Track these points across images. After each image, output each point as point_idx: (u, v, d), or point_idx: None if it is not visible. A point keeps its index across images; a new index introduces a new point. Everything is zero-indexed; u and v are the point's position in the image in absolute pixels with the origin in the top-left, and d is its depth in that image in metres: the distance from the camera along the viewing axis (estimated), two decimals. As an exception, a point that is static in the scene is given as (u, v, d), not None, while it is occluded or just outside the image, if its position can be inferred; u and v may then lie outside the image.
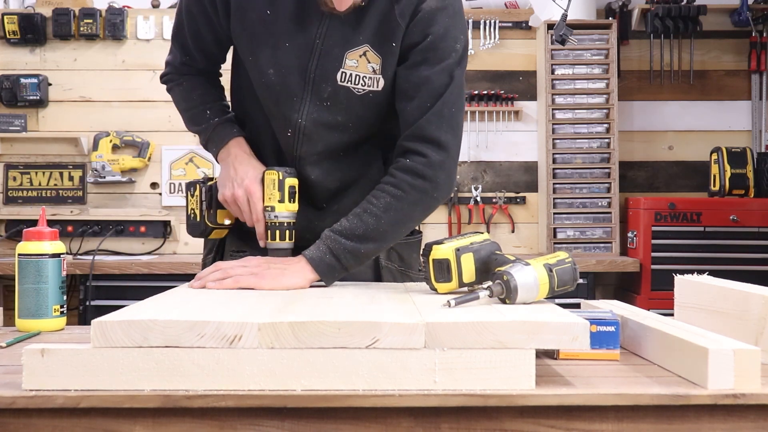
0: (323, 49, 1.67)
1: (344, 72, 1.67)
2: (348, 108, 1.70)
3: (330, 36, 1.66)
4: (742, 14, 4.54)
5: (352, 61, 1.67)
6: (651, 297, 4.10)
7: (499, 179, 4.60)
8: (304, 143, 1.74)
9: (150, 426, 1.15)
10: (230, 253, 1.89)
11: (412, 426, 1.16)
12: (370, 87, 1.69)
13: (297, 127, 1.72)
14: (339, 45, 1.66)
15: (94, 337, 1.15)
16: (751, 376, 1.17)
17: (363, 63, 1.67)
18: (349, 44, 1.66)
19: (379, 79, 1.68)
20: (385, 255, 1.85)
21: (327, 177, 1.77)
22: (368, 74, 1.68)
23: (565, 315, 1.24)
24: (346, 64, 1.67)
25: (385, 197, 1.65)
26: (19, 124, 4.46)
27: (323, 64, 1.67)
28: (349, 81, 1.68)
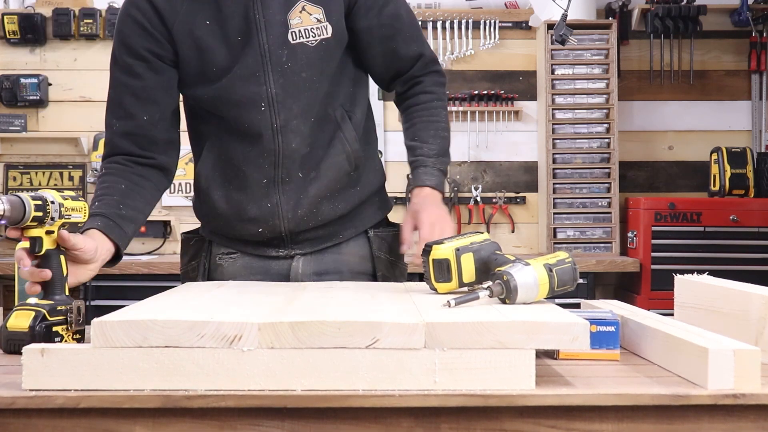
0: (266, 21, 1.72)
1: (293, 31, 1.73)
2: (308, 62, 1.75)
3: (267, 7, 1.72)
4: (742, 14, 4.54)
5: (295, 19, 1.74)
6: (651, 297, 4.10)
7: (499, 179, 4.60)
8: (281, 111, 1.75)
9: (150, 426, 1.15)
10: (218, 257, 1.89)
11: (412, 426, 1.16)
12: (320, 36, 1.75)
13: (269, 98, 1.74)
14: (278, 12, 1.73)
15: (95, 337, 1.15)
16: (751, 376, 1.17)
17: (305, 17, 1.74)
18: (285, 7, 1.73)
19: (326, 26, 1.75)
20: (377, 245, 1.89)
21: (302, 144, 1.77)
22: (314, 25, 1.75)
23: (565, 315, 1.24)
24: (291, 23, 1.73)
25: (441, 111, 1.89)
26: (19, 124, 4.47)
27: (272, 35, 1.73)
28: (301, 37, 1.74)
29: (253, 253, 1.86)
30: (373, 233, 1.90)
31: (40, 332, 1.40)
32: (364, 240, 1.89)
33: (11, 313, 1.43)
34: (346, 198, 1.84)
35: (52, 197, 1.45)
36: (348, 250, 1.88)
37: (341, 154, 1.81)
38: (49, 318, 1.42)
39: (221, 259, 1.88)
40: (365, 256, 1.88)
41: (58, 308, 1.45)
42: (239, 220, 1.82)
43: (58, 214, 1.45)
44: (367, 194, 1.89)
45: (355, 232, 1.88)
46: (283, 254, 1.85)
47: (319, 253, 1.86)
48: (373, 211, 1.91)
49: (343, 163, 1.81)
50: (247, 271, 1.86)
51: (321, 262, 1.85)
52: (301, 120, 1.76)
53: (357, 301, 1.39)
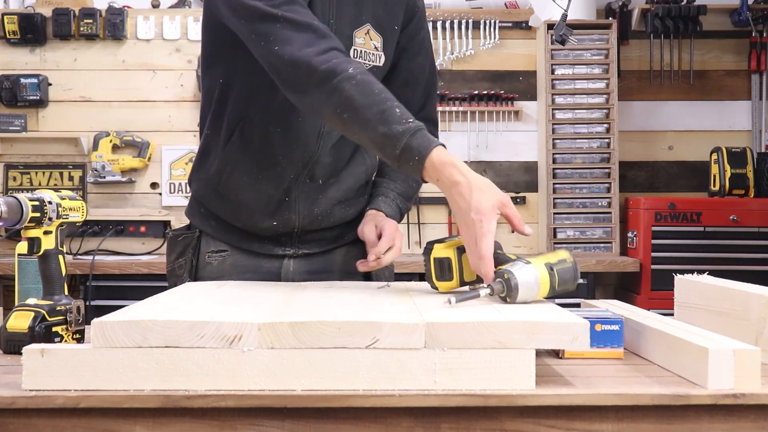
0: (336, 28, 1.74)
1: (355, 49, 1.77)
2: None
3: (340, 16, 1.75)
4: (742, 14, 4.54)
5: (360, 39, 1.77)
6: (651, 297, 4.10)
7: (499, 179, 4.60)
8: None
9: (150, 426, 1.15)
10: (207, 255, 1.87)
11: (412, 426, 1.16)
12: (374, 62, 1.80)
13: None
14: (347, 24, 1.76)
15: (94, 337, 1.16)
16: (751, 376, 1.17)
17: (368, 41, 1.79)
18: (355, 23, 1.77)
19: (381, 56, 1.81)
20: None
21: (331, 154, 1.82)
22: (372, 51, 1.79)
23: (565, 315, 1.24)
24: (356, 42, 1.77)
25: None
26: (19, 124, 4.46)
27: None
28: (359, 56, 1.78)
29: (248, 250, 1.84)
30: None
31: (40, 333, 1.40)
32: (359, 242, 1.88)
33: (11, 314, 1.43)
34: (356, 204, 1.90)
35: (50, 197, 1.45)
36: (341, 251, 1.91)
37: (361, 166, 1.89)
38: (49, 318, 1.42)
39: (210, 257, 1.87)
40: (358, 256, 1.87)
41: (57, 308, 1.45)
42: (260, 211, 1.81)
43: (56, 214, 1.45)
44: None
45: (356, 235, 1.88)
46: (290, 252, 1.85)
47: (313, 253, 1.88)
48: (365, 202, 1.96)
49: (361, 174, 1.89)
50: (236, 270, 1.84)
51: (313, 261, 1.87)
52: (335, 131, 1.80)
53: (357, 301, 1.39)
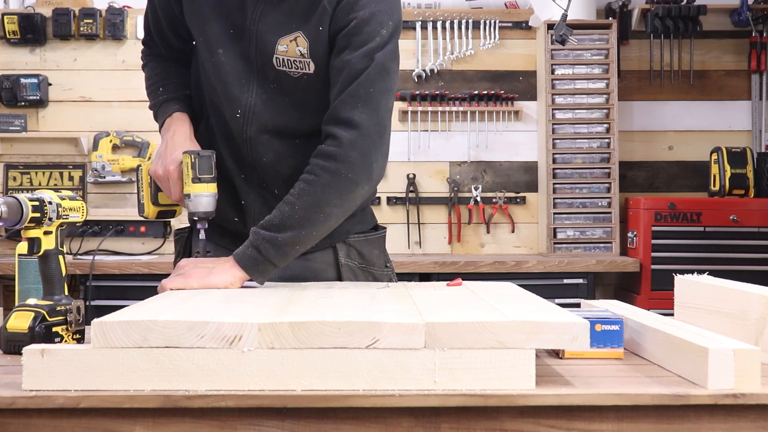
0: (258, 34, 1.73)
1: (277, 57, 1.72)
2: (290, 90, 1.74)
3: (263, 21, 1.72)
4: (742, 14, 4.54)
5: (282, 46, 1.71)
6: (651, 297, 4.10)
7: (499, 179, 4.60)
8: (253, 123, 1.75)
9: (150, 426, 1.15)
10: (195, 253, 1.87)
11: (412, 426, 1.16)
12: (302, 70, 1.72)
13: (246, 107, 1.75)
14: (272, 31, 1.71)
15: (95, 338, 1.16)
16: (751, 376, 1.17)
17: (292, 47, 1.71)
18: (281, 30, 1.71)
19: (309, 62, 1.71)
20: (344, 252, 1.84)
21: (279, 161, 1.77)
22: (297, 58, 1.71)
23: (565, 315, 1.24)
24: (278, 49, 1.71)
25: (299, 184, 1.66)
26: (19, 124, 4.46)
27: (261, 50, 1.73)
28: (284, 65, 1.72)
29: (225, 248, 1.82)
30: (340, 242, 1.84)
31: (40, 333, 1.40)
32: (331, 248, 1.84)
33: (11, 314, 1.43)
34: None
35: (50, 198, 1.45)
36: (314, 257, 1.82)
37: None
38: (49, 318, 1.42)
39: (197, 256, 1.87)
40: (330, 263, 1.84)
41: (57, 308, 1.45)
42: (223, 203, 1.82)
43: (56, 214, 1.45)
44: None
45: (327, 243, 1.81)
46: None
47: None
48: (350, 225, 1.84)
49: None
50: None
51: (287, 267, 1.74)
52: (276, 138, 1.76)
53: (357, 301, 1.39)
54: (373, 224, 1.94)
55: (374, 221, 1.95)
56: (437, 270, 3.99)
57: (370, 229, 1.92)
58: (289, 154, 1.77)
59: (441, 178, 4.57)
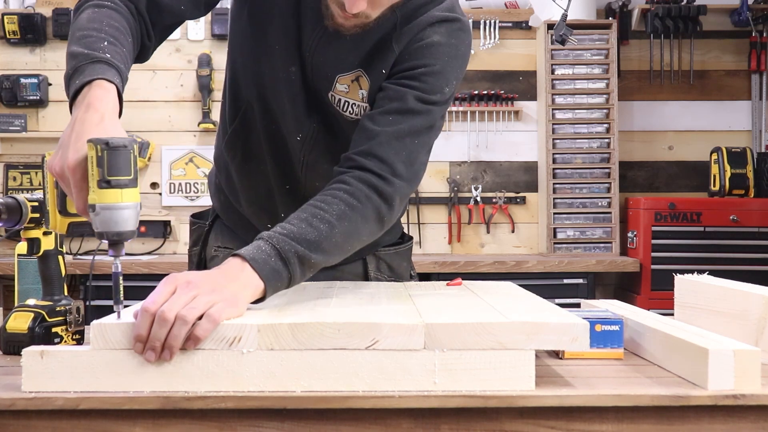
0: (314, 66, 1.57)
1: (333, 95, 1.58)
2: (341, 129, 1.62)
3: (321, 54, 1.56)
4: (742, 14, 4.54)
5: (342, 85, 1.56)
6: (651, 297, 4.10)
7: (499, 179, 4.60)
8: (314, 150, 1.66)
9: (150, 427, 1.15)
10: (214, 249, 1.86)
11: (412, 427, 1.16)
12: (358, 116, 1.58)
13: (309, 133, 1.64)
14: (331, 63, 1.56)
15: (94, 339, 1.15)
16: (751, 376, 1.17)
17: (354, 88, 1.56)
18: (340, 64, 1.56)
19: (366, 108, 1.58)
20: (374, 266, 1.82)
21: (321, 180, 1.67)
22: (358, 101, 1.57)
23: (565, 315, 1.24)
24: (336, 88, 1.57)
25: (340, 204, 1.41)
26: (19, 124, 4.46)
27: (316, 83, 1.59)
28: (338, 105, 1.58)
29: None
30: (370, 254, 1.82)
31: (40, 333, 1.40)
32: (360, 261, 1.82)
33: (11, 314, 1.43)
34: None
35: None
36: (342, 269, 1.78)
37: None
38: (48, 319, 1.42)
39: (217, 251, 1.86)
40: (359, 275, 1.82)
41: (57, 309, 1.45)
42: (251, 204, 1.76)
43: None
44: None
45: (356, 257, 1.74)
46: None
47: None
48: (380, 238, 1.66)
49: None
50: None
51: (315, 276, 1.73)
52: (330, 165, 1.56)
53: (356, 303, 1.39)
54: (400, 233, 1.90)
55: (401, 229, 1.91)
56: (437, 270, 3.99)
57: (398, 239, 1.89)
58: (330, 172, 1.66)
59: (441, 178, 4.57)
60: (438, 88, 1.55)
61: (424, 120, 1.53)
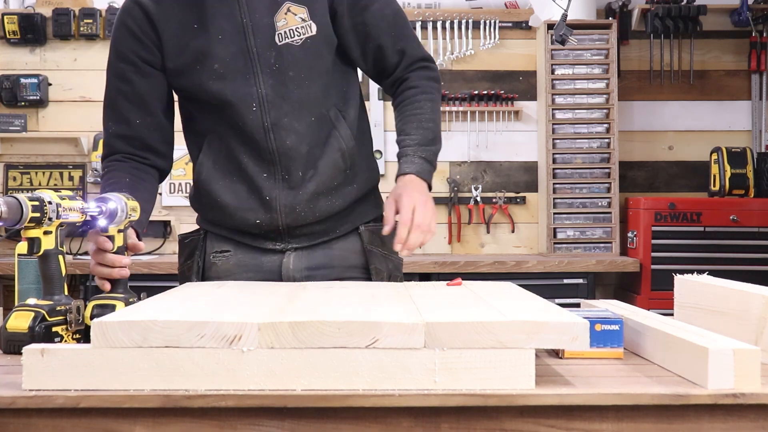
0: (253, 24, 1.77)
1: (279, 33, 1.78)
2: (294, 62, 1.79)
3: (253, 11, 1.77)
4: (742, 14, 4.54)
5: (281, 21, 1.78)
6: (651, 297, 4.10)
7: (499, 179, 4.60)
8: (271, 110, 1.79)
9: (150, 426, 1.15)
10: (212, 255, 1.90)
11: (412, 426, 1.16)
12: (305, 34, 1.79)
13: (260, 98, 1.78)
14: (265, 15, 1.78)
15: (94, 338, 1.15)
16: (751, 376, 1.17)
17: (291, 18, 1.78)
18: (272, 9, 1.78)
19: (311, 25, 1.79)
20: (368, 239, 1.92)
21: (299, 141, 1.81)
22: (299, 24, 1.79)
23: (565, 315, 1.24)
24: (278, 26, 1.78)
25: (426, 102, 1.87)
26: (19, 124, 4.46)
27: (259, 38, 1.77)
28: (286, 37, 1.78)
29: (248, 245, 1.88)
30: (363, 228, 1.93)
31: (40, 333, 1.40)
32: (355, 235, 1.92)
33: (11, 314, 1.43)
34: (343, 195, 1.88)
35: (50, 197, 1.45)
36: (339, 245, 1.91)
37: (336, 152, 1.85)
38: (49, 318, 1.42)
39: (215, 257, 1.91)
40: (357, 250, 1.91)
41: (57, 308, 1.45)
42: (240, 209, 1.84)
43: (55, 214, 1.45)
44: (362, 192, 1.93)
45: (350, 227, 1.92)
46: (280, 248, 1.87)
47: (310, 248, 1.88)
48: (367, 208, 1.95)
49: (338, 161, 1.86)
50: (240, 269, 1.88)
51: (312, 257, 1.88)
52: (294, 118, 1.80)
53: (357, 301, 1.39)
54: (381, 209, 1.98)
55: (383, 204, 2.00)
56: (437, 270, 3.99)
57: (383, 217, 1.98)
58: (307, 134, 1.82)
59: (441, 178, 4.56)
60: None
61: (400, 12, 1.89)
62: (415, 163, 1.80)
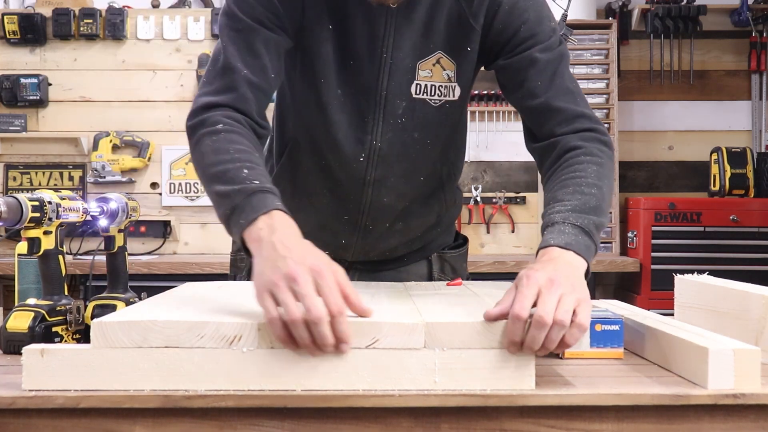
0: (393, 63, 1.53)
1: (418, 84, 1.55)
2: (424, 123, 1.59)
3: (398, 47, 1.53)
4: (742, 14, 4.54)
5: (425, 71, 1.54)
6: (651, 297, 4.10)
7: (499, 179, 4.60)
8: (379, 166, 1.61)
9: (150, 426, 1.15)
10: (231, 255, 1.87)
11: (412, 426, 1.16)
12: (446, 97, 1.57)
13: (371, 150, 1.59)
14: (410, 56, 1.53)
15: (94, 338, 1.15)
16: (751, 376, 1.17)
17: (438, 71, 1.55)
18: (420, 53, 1.54)
19: (454, 87, 1.57)
20: (438, 267, 1.83)
21: (398, 201, 1.66)
22: (444, 83, 1.56)
23: (565, 315, 1.24)
24: (419, 75, 1.54)
25: (591, 167, 1.45)
26: (19, 124, 4.46)
27: (395, 79, 1.55)
28: (425, 92, 1.55)
29: None
30: (435, 254, 1.84)
31: (40, 333, 1.40)
32: (425, 261, 1.84)
33: (11, 314, 1.43)
34: (423, 240, 1.77)
35: (50, 198, 1.45)
36: (407, 270, 1.82)
37: (434, 215, 1.73)
38: (49, 318, 1.42)
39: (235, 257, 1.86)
40: (423, 276, 1.83)
41: (57, 308, 1.45)
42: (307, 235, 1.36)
43: (55, 214, 1.45)
44: (443, 228, 1.83)
45: (421, 257, 1.83)
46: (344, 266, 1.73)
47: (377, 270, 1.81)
48: (443, 238, 1.85)
49: (432, 220, 1.77)
50: None
51: (377, 276, 1.79)
52: (402, 179, 1.63)
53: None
54: (455, 233, 1.91)
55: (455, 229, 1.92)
56: (437, 270, 3.98)
57: (455, 240, 1.90)
58: (410, 193, 1.66)
59: (441, 178, 4.56)
60: (547, 29, 1.55)
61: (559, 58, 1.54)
62: (565, 233, 1.31)
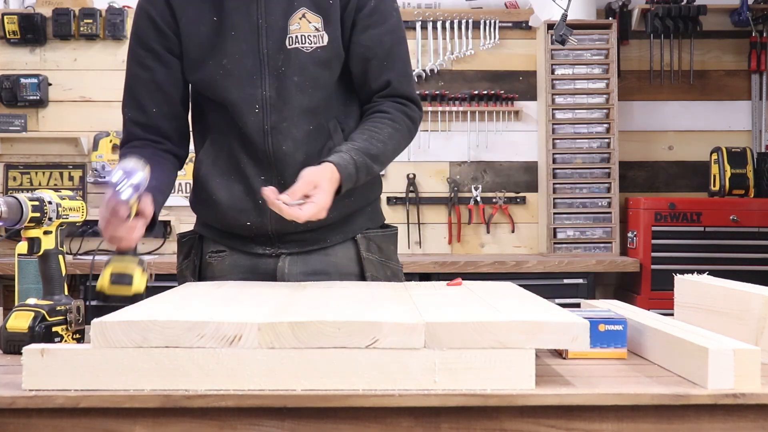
0: (267, 26, 1.77)
1: (290, 36, 1.78)
2: (300, 67, 1.78)
3: (270, 12, 1.77)
4: (742, 14, 4.54)
5: (294, 25, 1.78)
6: (651, 297, 4.10)
7: (499, 179, 4.60)
8: (272, 113, 1.79)
9: (150, 426, 1.15)
10: (208, 255, 1.90)
11: (412, 426, 1.16)
12: (316, 44, 1.78)
13: (263, 100, 1.78)
14: (281, 17, 1.78)
15: (94, 338, 1.16)
16: (751, 376, 1.17)
17: (304, 24, 1.79)
18: (288, 12, 1.78)
19: (323, 35, 1.79)
20: (365, 246, 1.89)
21: (296, 149, 1.80)
22: (312, 33, 1.78)
23: (564, 315, 1.24)
24: (290, 29, 1.78)
25: (387, 128, 1.79)
26: (19, 124, 4.46)
27: (271, 39, 1.78)
28: (296, 42, 1.78)
29: (241, 250, 1.87)
30: (360, 235, 1.90)
31: (40, 333, 1.40)
32: (351, 243, 1.89)
33: (11, 314, 1.43)
34: (338, 207, 1.79)
35: (50, 197, 1.45)
36: (335, 252, 1.88)
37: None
38: (49, 318, 1.42)
39: (211, 257, 1.90)
40: (352, 258, 1.88)
41: (57, 308, 1.45)
42: (232, 209, 1.83)
43: (55, 214, 1.45)
44: (360, 205, 1.89)
45: (342, 238, 1.89)
46: (270, 252, 1.86)
47: (306, 254, 1.86)
48: (363, 220, 1.91)
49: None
50: (235, 270, 1.87)
51: (308, 262, 1.86)
52: (293, 124, 1.79)
53: (357, 301, 1.39)
54: (382, 221, 1.97)
55: (383, 219, 1.99)
56: (437, 270, 3.99)
57: (381, 226, 1.96)
58: (304, 141, 1.80)
59: (441, 178, 4.57)
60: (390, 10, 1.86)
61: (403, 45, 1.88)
62: (343, 158, 1.69)
